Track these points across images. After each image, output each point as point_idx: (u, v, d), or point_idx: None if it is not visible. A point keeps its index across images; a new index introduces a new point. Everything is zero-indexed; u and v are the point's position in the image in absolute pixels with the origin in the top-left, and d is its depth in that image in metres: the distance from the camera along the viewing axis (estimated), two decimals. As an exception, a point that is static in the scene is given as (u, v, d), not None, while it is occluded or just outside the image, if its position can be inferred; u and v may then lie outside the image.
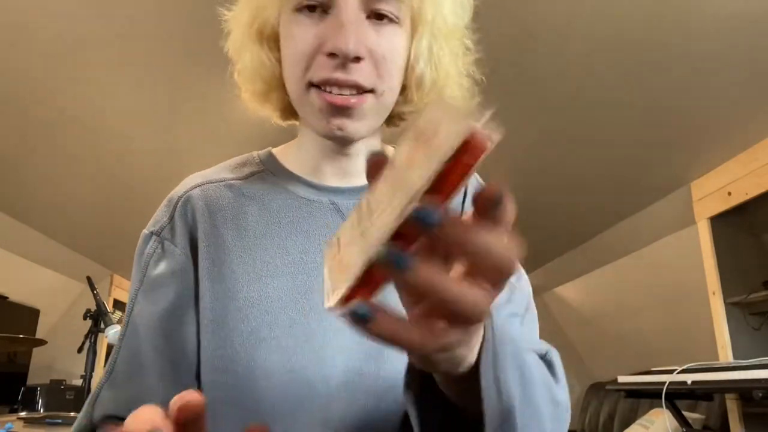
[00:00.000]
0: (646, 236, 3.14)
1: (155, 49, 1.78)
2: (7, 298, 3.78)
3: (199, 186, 0.63)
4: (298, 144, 0.66)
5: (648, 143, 2.33)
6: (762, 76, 1.83)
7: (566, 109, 2.13)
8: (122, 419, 0.53)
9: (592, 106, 2.10)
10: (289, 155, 0.66)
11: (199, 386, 0.58)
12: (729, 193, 2.42)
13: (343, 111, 0.54)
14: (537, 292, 3.56)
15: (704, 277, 2.58)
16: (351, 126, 0.56)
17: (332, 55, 0.52)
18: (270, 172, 0.65)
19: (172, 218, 0.62)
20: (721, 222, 2.55)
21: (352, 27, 0.52)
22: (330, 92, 0.54)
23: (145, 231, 0.63)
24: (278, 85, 0.61)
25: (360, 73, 0.53)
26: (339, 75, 0.53)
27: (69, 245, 3.94)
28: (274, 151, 0.68)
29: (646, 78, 1.88)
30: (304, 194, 0.62)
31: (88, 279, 2.40)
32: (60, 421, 1.97)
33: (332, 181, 0.63)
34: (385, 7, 0.54)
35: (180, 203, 0.62)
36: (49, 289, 4.19)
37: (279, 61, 0.59)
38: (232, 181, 0.64)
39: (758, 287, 2.39)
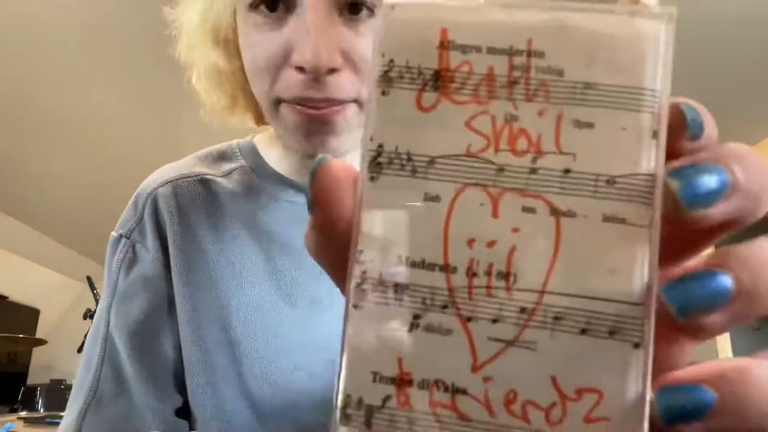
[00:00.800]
0: (646, 236, 3.14)
1: (155, 49, 1.79)
2: (7, 298, 3.78)
3: (170, 182, 0.56)
4: (280, 141, 0.58)
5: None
6: (762, 77, 1.83)
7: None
8: None
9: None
10: (272, 150, 0.59)
11: (186, 402, 0.55)
12: (729, 193, 2.42)
13: (322, 125, 0.45)
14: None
15: (704, 277, 2.58)
16: (334, 141, 0.47)
17: (301, 69, 0.43)
18: (250, 168, 0.58)
19: (141, 218, 0.55)
20: (721, 222, 2.55)
21: (321, 33, 0.41)
22: (304, 105, 0.45)
23: (114, 234, 0.57)
24: (245, 94, 0.53)
25: (338, 86, 0.44)
26: (312, 93, 0.44)
27: (69, 245, 3.94)
28: (257, 141, 0.60)
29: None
30: (287, 196, 0.56)
31: (88, 279, 2.40)
32: (60, 421, 1.97)
33: None
34: None
35: (149, 201, 0.55)
36: (49, 289, 4.19)
37: (241, 69, 0.49)
38: (208, 177, 0.57)
39: (758, 287, 2.39)
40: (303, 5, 0.42)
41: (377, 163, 0.17)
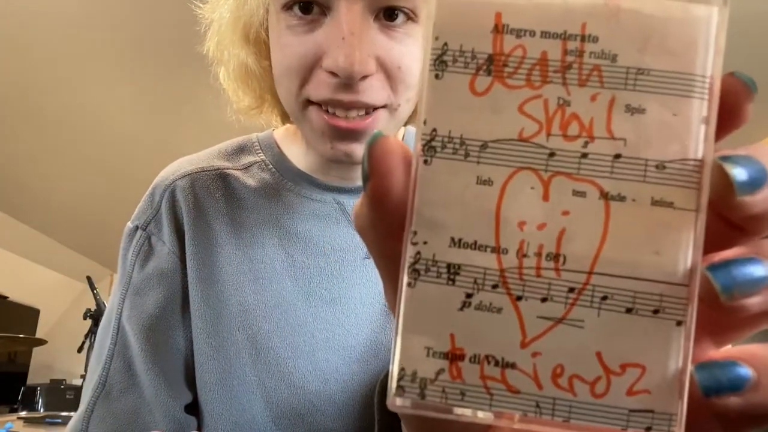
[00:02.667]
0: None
1: (155, 49, 1.78)
2: (7, 298, 3.78)
3: (189, 174, 0.55)
4: (302, 138, 0.57)
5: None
6: (762, 76, 1.83)
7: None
8: None
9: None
10: (292, 145, 0.58)
11: (197, 400, 0.54)
12: (729, 194, 2.42)
13: (350, 135, 0.45)
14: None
15: (704, 278, 2.58)
16: (360, 150, 0.46)
17: (333, 73, 0.43)
18: (271, 163, 0.57)
19: (158, 210, 0.55)
20: (721, 222, 2.56)
21: (356, 39, 0.41)
22: (333, 113, 0.44)
23: (129, 224, 0.56)
24: (272, 95, 0.52)
25: (369, 92, 0.43)
26: (343, 96, 0.43)
27: (69, 245, 3.94)
28: (277, 136, 0.60)
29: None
30: (307, 192, 0.55)
31: (88, 279, 2.40)
32: (60, 420, 1.97)
33: (337, 180, 0.56)
34: (398, 4, 0.42)
35: (167, 194, 0.55)
36: (49, 289, 4.19)
37: (269, 70, 0.49)
38: (228, 171, 0.56)
39: (758, 287, 2.40)
40: (338, 9, 0.42)
41: (431, 146, 0.17)
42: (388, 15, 0.43)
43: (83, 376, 2.26)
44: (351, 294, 0.54)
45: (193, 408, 0.55)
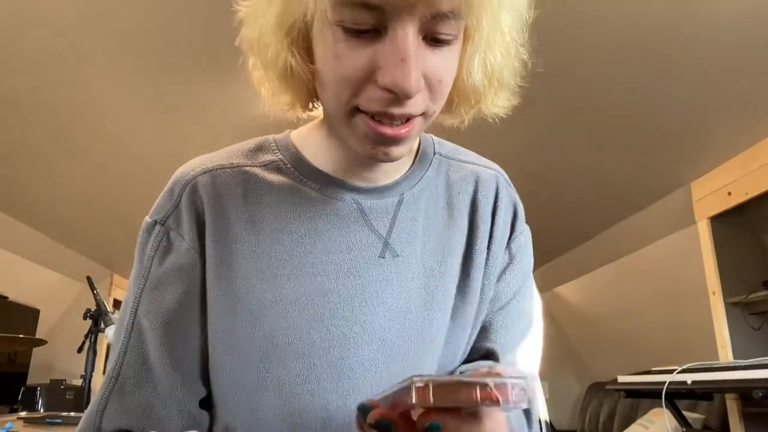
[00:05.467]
0: (646, 236, 3.14)
1: (155, 49, 1.78)
2: (7, 298, 3.78)
3: (209, 171, 0.56)
4: (323, 136, 0.58)
5: (648, 143, 2.33)
6: (762, 76, 1.83)
7: (565, 110, 2.13)
8: None
9: (591, 106, 2.10)
10: (310, 146, 0.59)
11: (210, 395, 0.55)
12: (729, 193, 2.42)
13: (392, 140, 0.49)
14: (537, 292, 3.56)
15: (704, 277, 2.58)
16: (396, 151, 0.50)
17: (389, 89, 0.45)
18: (289, 163, 0.58)
19: (177, 205, 0.55)
20: (721, 222, 2.55)
21: (413, 61, 0.44)
22: (379, 120, 0.48)
23: (148, 219, 0.57)
24: (309, 95, 0.53)
25: (414, 104, 0.47)
26: (394, 110, 0.46)
27: (69, 245, 3.94)
28: (293, 137, 0.61)
29: (646, 79, 1.87)
30: (325, 191, 0.57)
31: (88, 279, 2.40)
32: (60, 421, 1.97)
33: (356, 179, 0.58)
34: (444, 31, 0.45)
35: (187, 189, 0.56)
36: (49, 289, 4.19)
37: (312, 72, 0.50)
38: (247, 168, 0.57)
39: (758, 287, 2.39)
40: (394, 30, 0.44)
41: None
42: (434, 39, 0.46)
43: (83, 376, 2.26)
44: (367, 291, 0.55)
45: (206, 403, 0.56)
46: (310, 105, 0.55)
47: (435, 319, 0.58)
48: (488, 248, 0.62)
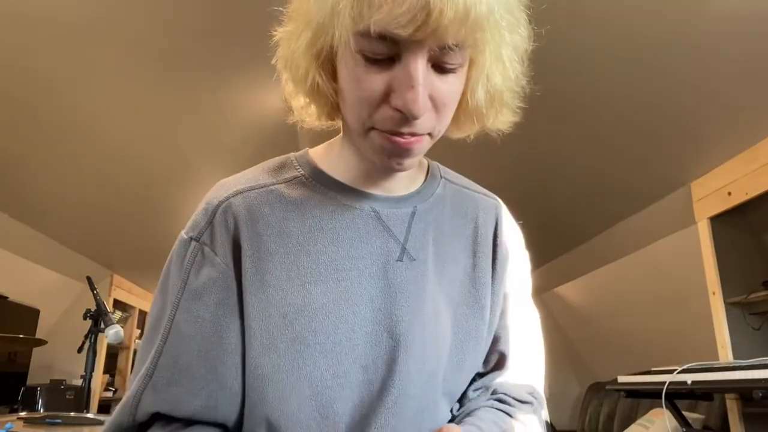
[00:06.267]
0: (646, 236, 3.14)
1: (156, 50, 1.78)
2: (7, 298, 3.78)
3: (240, 193, 0.63)
4: (342, 150, 0.66)
5: (648, 143, 2.33)
6: (762, 76, 1.83)
7: (565, 109, 2.13)
8: (168, 417, 0.60)
9: (591, 106, 2.10)
10: (329, 160, 0.66)
11: (243, 395, 0.60)
12: (729, 193, 2.42)
13: (404, 151, 0.56)
14: (537, 292, 3.56)
15: (704, 277, 2.58)
16: (407, 162, 0.58)
17: (399, 110, 0.53)
18: (310, 177, 0.65)
19: (210, 224, 0.62)
20: (721, 222, 2.55)
21: (421, 87, 0.51)
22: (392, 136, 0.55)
23: (184, 235, 0.63)
24: (332, 109, 0.61)
25: (421, 124, 0.54)
26: (404, 129, 0.54)
27: (69, 245, 3.94)
28: (312, 153, 0.68)
29: (646, 78, 1.88)
30: (345, 201, 0.64)
31: (88, 279, 2.40)
32: (60, 421, 1.96)
33: (373, 189, 0.65)
34: (450, 61, 0.52)
35: (220, 209, 0.62)
36: (49, 289, 4.19)
37: (335, 90, 0.59)
38: (272, 187, 0.64)
39: (758, 287, 2.39)
40: (407, 59, 0.51)
41: None
42: (440, 68, 0.53)
43: (83, 376, 2.26)
44: (386, 293, 0.62)
45: (238, 401, 0.61)
46: (333, 117, 0.63)
47: (445, 318, 0.65)
48: (493, 268, 0.70)
